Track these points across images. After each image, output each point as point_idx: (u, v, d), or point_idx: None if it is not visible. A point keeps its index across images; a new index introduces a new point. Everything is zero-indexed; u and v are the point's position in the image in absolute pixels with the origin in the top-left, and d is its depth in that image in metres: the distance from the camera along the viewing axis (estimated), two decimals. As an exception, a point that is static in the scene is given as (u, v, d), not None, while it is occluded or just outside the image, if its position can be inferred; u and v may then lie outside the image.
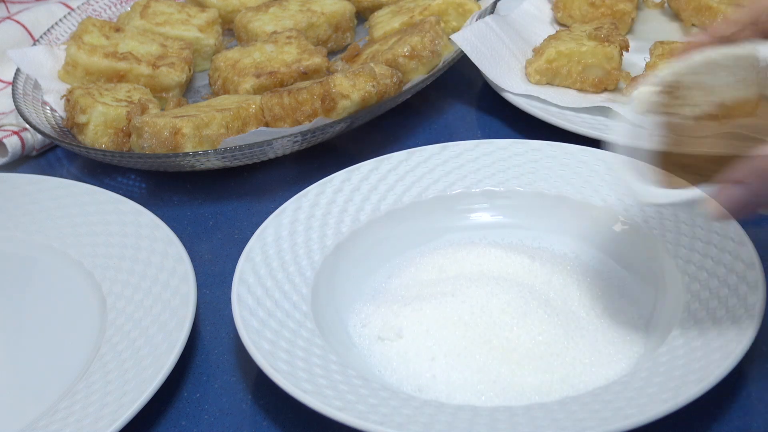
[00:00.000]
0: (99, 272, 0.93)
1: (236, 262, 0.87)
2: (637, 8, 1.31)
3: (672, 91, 0.75)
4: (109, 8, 1.43)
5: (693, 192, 0.69)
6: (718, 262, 0.82)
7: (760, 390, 0.77)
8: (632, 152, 0.74)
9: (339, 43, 1.33)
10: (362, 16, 1.37)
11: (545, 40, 1.19)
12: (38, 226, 1.00)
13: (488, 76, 1.15)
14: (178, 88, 1.23)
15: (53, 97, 1.20)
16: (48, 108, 1.19)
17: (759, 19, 0.75)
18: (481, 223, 0.94)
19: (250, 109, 1.10)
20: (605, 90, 1.15)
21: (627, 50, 1.17)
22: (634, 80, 1.11)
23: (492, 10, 1.25)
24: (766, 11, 0.75)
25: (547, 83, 1.16)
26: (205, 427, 0.80)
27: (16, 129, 1.19)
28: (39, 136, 1.19)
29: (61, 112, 1.18)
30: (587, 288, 0.84)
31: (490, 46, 1.17)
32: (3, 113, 1.25)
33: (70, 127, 1.15)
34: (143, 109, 1.12)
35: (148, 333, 0.83)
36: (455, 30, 1.19)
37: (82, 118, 1.12)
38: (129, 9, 1.39)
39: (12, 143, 1.17)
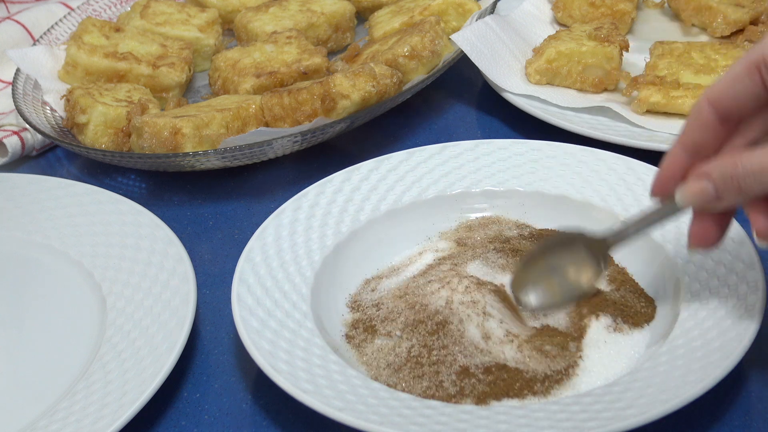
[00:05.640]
0: (99, 272, 0.93)
1: (236, 262, 0.87)
2: (637, 8, 1.31)
3: None
4: (109, 8, 1.43)
5: None
6: (718, 262, 0.82)
7: (760, 390, 0.77)
8: None
9: (339, 43, 1.33)
10: (362, 16, 1.37)
11: (545, 40, 1.20)
12: (38, 226, 1.00)
13: (488, 76, 1.15)
14: (178, 88, 1.23)
15: (53, 97, 1.20)
16: (48, 108, 1.19)
17: (727, 116, 0.71)
18: (481, 223, 0.95)
19: (250, 109, 1.10)
20: (605, 90, 1.15)
21: (627, 50, 1.17)
22: (634, 80, 1.11)
23: (492, 10, 1.25)
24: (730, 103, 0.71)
25: (547, 83, 1.16)
26: (205, 427, 0.80)
27: (16, 129, 1.19)
28: (39, 136, 1.19)
29: (61, 112, 1.18)
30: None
31: (490, 46, 1.17)
32: (3, 113, 1.25)
33: (70, 127, 1.15)
34: (143, 109, 1.12)
35: (148, 333, 0.83)
36: (455, 30, 1.19)
37: (82, 118, 1.12)
38: (129, 9, 1.39)
39: (12, 143, 1.17)
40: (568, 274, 0.80)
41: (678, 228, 0.86)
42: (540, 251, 0.81)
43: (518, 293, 0.81)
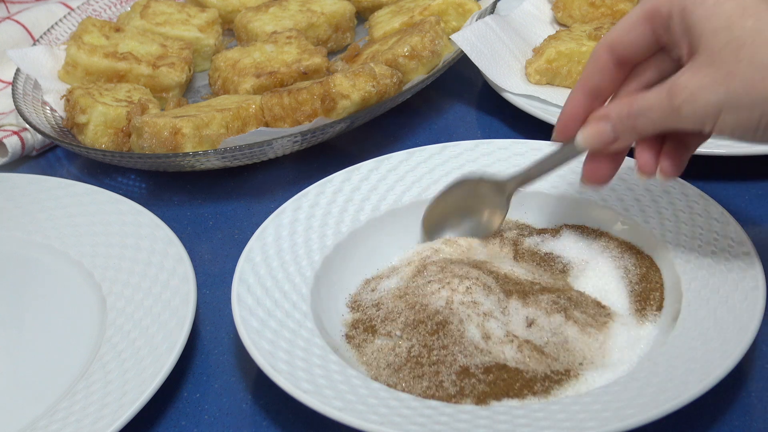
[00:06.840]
0: (99, 272, 0.93)
1: (236, 262, 0.87)
2: (637, 8, 1.31)
3: None
4: (109, 8, 1.43)
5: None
6: (718, 262, 0.82)
7: (760, 390, 0.77)
8: None
9: (339, 43, 1.33)
10: (362, 16, 1.37)
11: (545, 40, 1.20)
12: (38, 226, 1.00)
13: (488, 76, 1.15)
14: (178, 88, 1.23)
15: (53, 97, 1.20)
16: (48, 108, 1.19)
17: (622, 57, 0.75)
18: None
19: (250, 109, 1.10)
20: (605, 90, 1.15)
21: (627, 50, 1.17)
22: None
23: (492, 10, 1.25)
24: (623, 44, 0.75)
25: (547, 83, 1.16)
26: (205, 427, 0.80)
27: (16, 129, 1.19)
28: (39, 136, 1.19)
29: (61, 112, 1.18)
30: (587, 288, 0.84)
31: (490, 46, 1.17)
32: (3, 113, 1.25)
33: (70, 127, 1.15)
34: (143, 109, 1.12)
35: (148, 333, 0.83)
36: (455, 30, 1.19)
37: (82, 118, 1.12)
38: (129, 9, 1.39)
39: (12, 143, 1.18)
40: (475, 215, 0.90)
41: (678, 228, 0.86)
42: (447, 192, 0.90)
43: (430, 230, 0.90)
